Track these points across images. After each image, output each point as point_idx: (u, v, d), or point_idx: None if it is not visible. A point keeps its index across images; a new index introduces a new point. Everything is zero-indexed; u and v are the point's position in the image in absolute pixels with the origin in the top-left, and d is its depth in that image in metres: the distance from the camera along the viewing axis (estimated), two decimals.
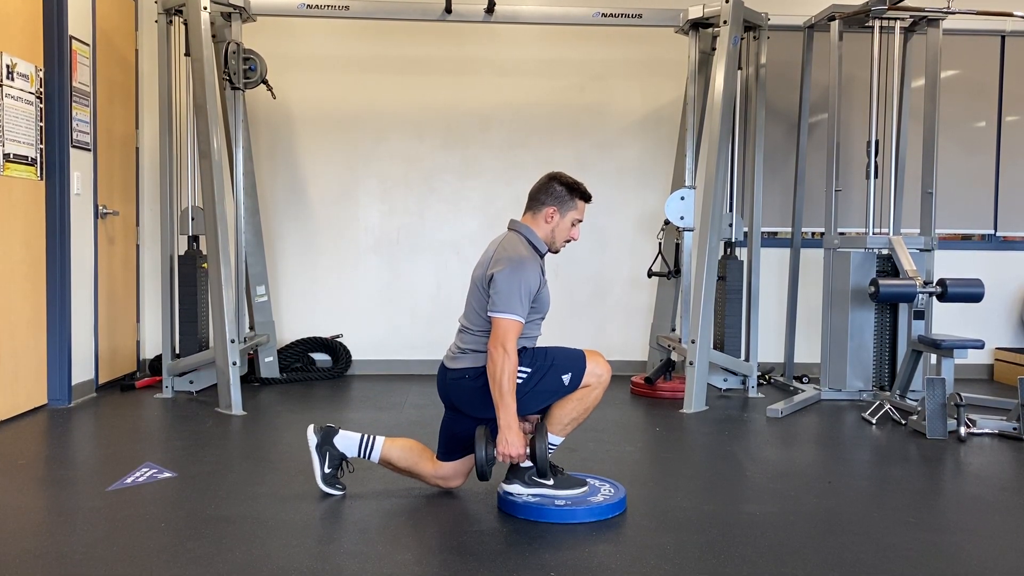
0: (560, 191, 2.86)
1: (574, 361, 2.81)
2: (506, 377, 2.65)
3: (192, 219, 4.78)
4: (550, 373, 2.79)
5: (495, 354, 2.67)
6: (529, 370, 2.77)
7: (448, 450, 2.95)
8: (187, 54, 4.62)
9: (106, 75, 4.86)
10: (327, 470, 2.94)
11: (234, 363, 4.35)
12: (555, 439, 2.84)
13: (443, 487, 2.99)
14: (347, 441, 2.96)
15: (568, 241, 2.93)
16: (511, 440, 2.67)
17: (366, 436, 2.97)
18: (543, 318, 2.92)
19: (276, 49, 5.28)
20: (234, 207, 5.07)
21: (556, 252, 2.95)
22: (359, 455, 2.96)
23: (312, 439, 2.96)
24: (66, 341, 4.39)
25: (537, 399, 2.80)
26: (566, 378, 2.79)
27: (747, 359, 5.04)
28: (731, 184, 5.08)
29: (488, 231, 5.56)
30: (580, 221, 2.92)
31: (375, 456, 2.95)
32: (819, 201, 5.27)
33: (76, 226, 4.46)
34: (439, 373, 2.94)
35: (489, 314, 2.74)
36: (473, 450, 2.86)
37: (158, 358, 5.07)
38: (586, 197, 2.91)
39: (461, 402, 2.88)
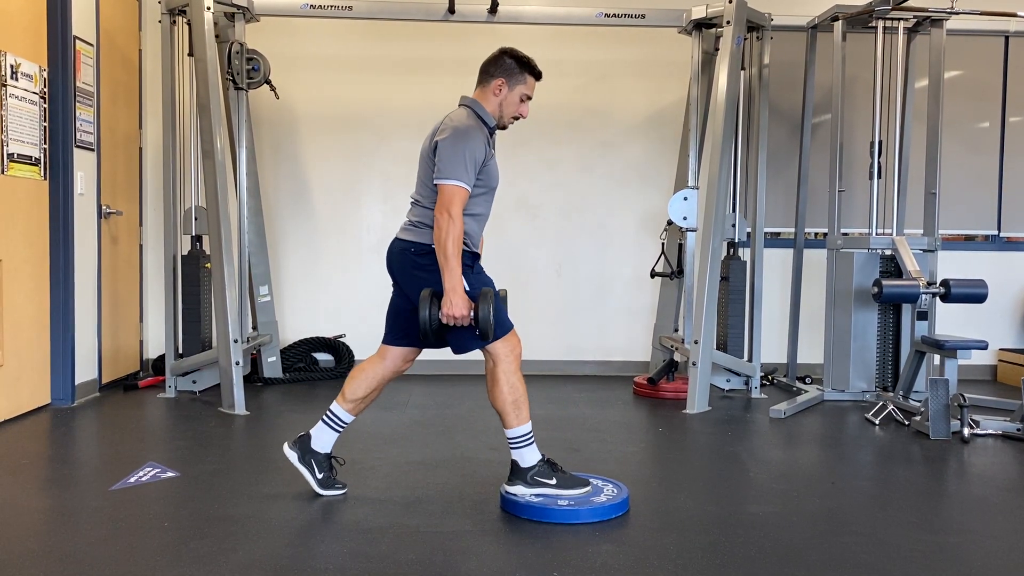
0: (510, 64, 2.86)
1: (499, 324, 2.75)
2: (451, 241, 2.64)
3: (195, 219, 4.79)
4: (477, 311, 2.71)
5: (440, 219, 2.66)
6: (467, 288, 2.72)
7: (392, 329, 2.94)
8: (190, 54, 4.63)
9: (110, 75, 4.87)
10: (319, 476, 2.94)
11: (237, 363, 4.35)
12: (518, 430, 2.80)
13: (402, 371, 3.01)
14: (321, 436, 2.97)
15: (517, 118, 2.91)
16: (455, 302, 2.65)
17: (326, 416, 2.97)
18: (490, 193, 2.89)
19: (279, 49, 5.29)
20: (237, 207, 5.08)
21: (504, 128, 2.93)
22: (338, 433, 2.97)
23: (292, 455, 2.96)
24: (69, 341, 4.39)
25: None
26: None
27: (750, 360, 5.04)
28: (734, 184, 5.08)
29: (491, 231, 5.53)
30: (529, 98, 2.90)
31: (347, 418, 2.97)
32: (822, 201, 5.26)
33: (79, 226, 4.47)
34: (390, 245, 2.92)
35: (435, 181, 2.72)
36: (415, 340, 2.85)
37: (161, 358, 5.08)
38: (535, 73, 2.89)
39: (402, 276, 2.87)
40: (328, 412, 2.97)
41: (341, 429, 2.97)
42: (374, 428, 3.99)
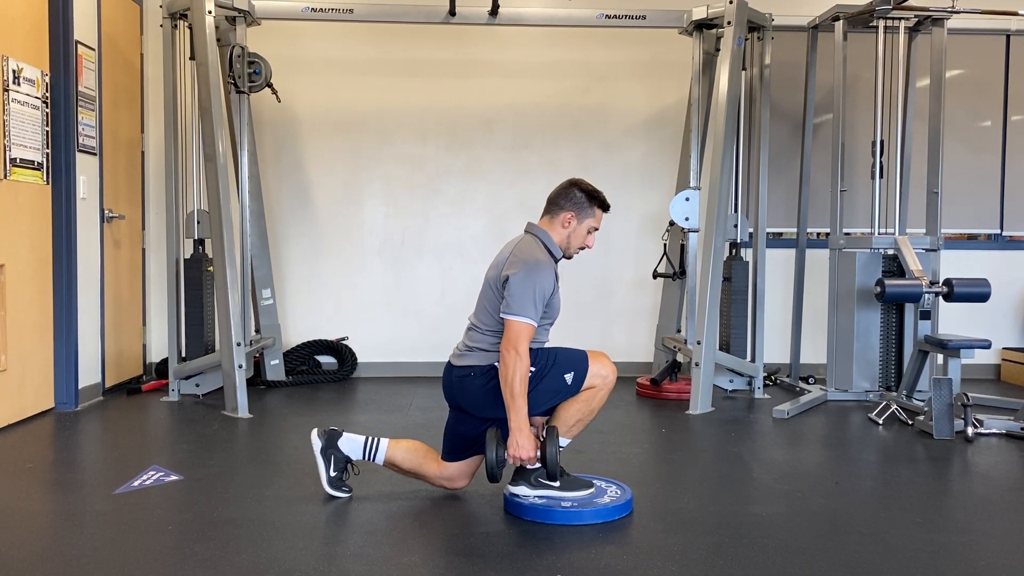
0: (580, 197, 2.88)
1: (577, 361, 2.82)
2: (518, 379, 2.65)
3: (197, 222, 4.79)
4: (553, 372, 2.79)
5: (507, 357, 2.66)
6: (533, 369, 2.76)
7: (453, 450, 2.94)
8: (192, 58, 4.63)
9: (111, 79, 4.88)
10: (332, 473, 2.95)
11: (240, 366, 4.35)
12: (561, 441, 2.84)
13: (448, 488, 2.99)
14: (352, 444, 2.96)
15: (582, 248, 2.94)
16: (522, 443, 2.67)
17: (370, 438, 2.97)
18: (552, 323, 2.92)
19: (281, 52, 5.29)
20: (239, 210, 5.08)
21: (570, 258, 2.97)
22: (364, 458, 2.96)
23: (316, 443, 2.96)
24: (73, 345, 4.40)
25: (540, 398, 2.79)
26: (568, 377, 2.79)
27: (753, 360, 5.03)
28: (736, 185, 5.08)
29: (492, 232, 5.57)
30: (596, 229, 2.94)
31: (380, 458, 2.96)
32: (824, 201, 5.26)
33: (82, 230, 4.47)
34: (445, 371, 2.93)
35: (502, 316, 2.73)
36: (478, 450, 2.87)
37: (164, 361, 5.08)
38: (604, 206, 2.93)
39: (465, 400, 2.87)
40: (376, 439, 2.97)
41: (367, 460, 2.97)
42: (377, 430, 3.97)
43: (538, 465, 2.82)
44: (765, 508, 2.92)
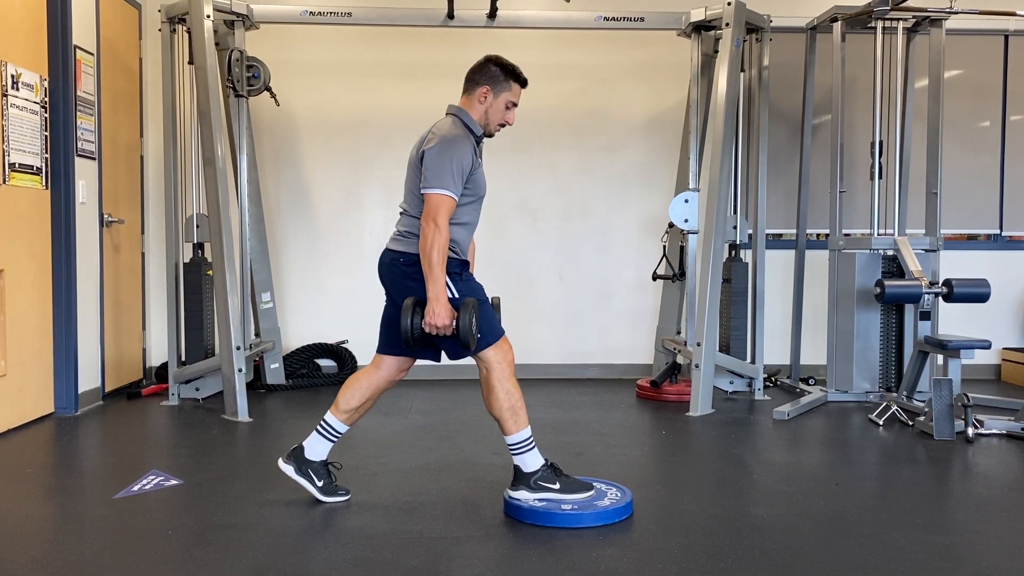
0: (495, 71, 2.88)
1: (490, 331, 2.78)
2: (436, 251, 2.66)
3: (197, 226, 4.80)
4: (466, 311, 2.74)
5: (426, 229, 2.68)
6: (456, 295, 2.76)
7: (386, 339, 2.95)
8: (191, 62, 4.64)
9: (110, 84, 4.88)
10: (320, 484, 2.95)
11: (240, 370, 4.35)
12: (518, 436, 2.80)
13: (397, 380, 2.99)
14: (313, 446, 2.97)
15: (503, 125, 2.92)
16: (438, 311, 2.67)
17: (319, 427, 2.97)
18: (478, 202, 2.91)
19: (279, 56, 5.30)
20: (239, 214, 5.08)
21: (491, 136, 2.94)
22: (333, 442, 2.97)
23: (288, 469, 2.96)
24: (72, 349, 4.40)
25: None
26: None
27: (753, 361, 5.03)
28: (735, 186, 5.07)
29: (492, 235, 5.56)
30: (515, 105, 2.92)
31: (341, 428, 2.96)
32: (824, 202, 5.26)
33: (81, 234, 4.48)
34: (380, 256, 2.93)
35: (422, 190, 2.74)
36: (408, 350, 2.85)
37: (164, 365, 5.08)
38: (521, 80, 2.91)
39: (388, 284, 2.89)
40: (322, 422, 2.97)
41: (335, 439, 2.98)
42: (376, 434, 4.00)
43: (537, 468, 2.82)
44: (766, 510, 2.92)
